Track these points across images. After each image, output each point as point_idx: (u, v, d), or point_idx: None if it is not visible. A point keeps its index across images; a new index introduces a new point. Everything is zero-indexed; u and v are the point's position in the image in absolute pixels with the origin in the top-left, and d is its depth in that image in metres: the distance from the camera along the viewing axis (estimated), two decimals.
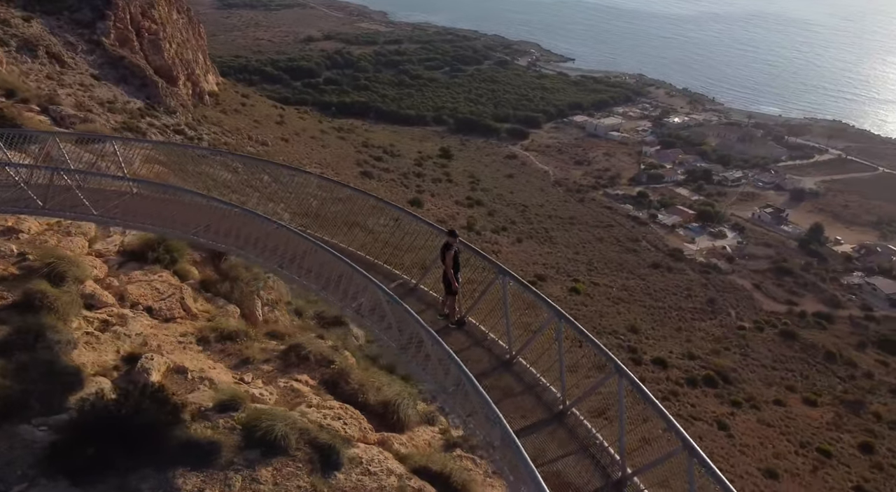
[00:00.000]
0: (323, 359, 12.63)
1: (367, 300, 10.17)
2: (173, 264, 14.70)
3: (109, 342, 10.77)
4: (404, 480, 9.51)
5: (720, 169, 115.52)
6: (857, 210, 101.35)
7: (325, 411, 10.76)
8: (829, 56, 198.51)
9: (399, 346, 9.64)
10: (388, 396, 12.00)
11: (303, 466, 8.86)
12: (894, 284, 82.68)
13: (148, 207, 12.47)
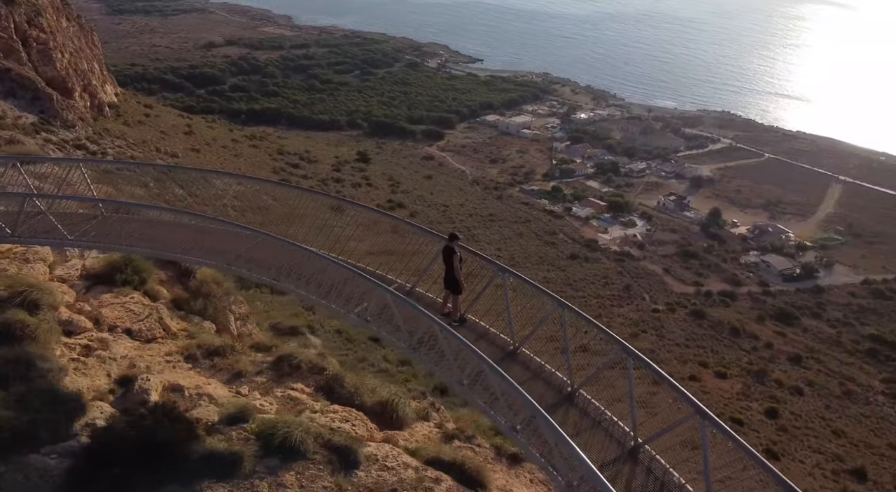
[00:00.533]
0: (315, 367, 12.89)
1: (374, 304, 10.57)
2: (142, 285, 14.45)
3: (97, 367, 10.60)
4: (421, 471, 10.04)
5: (626, 161, 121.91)
6: (748, 194, 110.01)
7: (332, 415, 11.12)
8: (713, 52, 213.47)
9: (409, 346, 10.17)
10: (383, 396, 12.47)
11: (324, 467, 9.23)
12: (785, 260, 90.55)
13: (122, 229, 12.27)
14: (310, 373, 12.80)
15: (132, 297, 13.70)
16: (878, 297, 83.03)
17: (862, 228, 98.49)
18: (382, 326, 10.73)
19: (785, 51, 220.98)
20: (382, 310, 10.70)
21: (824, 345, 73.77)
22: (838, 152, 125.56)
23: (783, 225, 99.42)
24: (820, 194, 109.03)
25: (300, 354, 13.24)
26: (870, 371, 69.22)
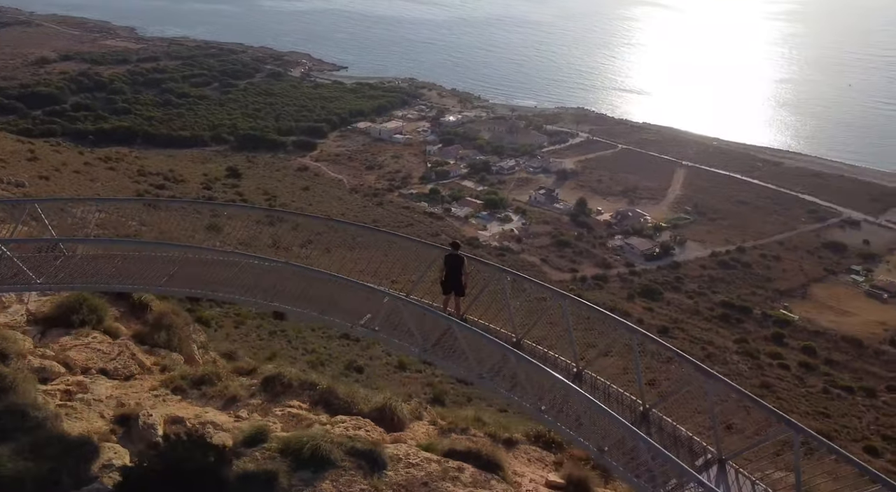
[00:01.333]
0: (305, 383, 12.93)
1: (384, 312, 11.11)
2: (100, 324, 13.77)
3: (86, 410, 10.12)
4: (443, 464, 10.65)
5: (496, 160, 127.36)
6: (608, 183, 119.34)
7: (342, 425, 11.42)
8: (562, 53, 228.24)
9: (422, 349, 10.70)
10: (379, 402, 12.84)
11: (355, 472, 9.59)
12: (646, 241, 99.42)
13: (92, 267, 11.67)
14: (302, 389, 12.92)
15: (94, 337, 13.20)
16: (724, 267, 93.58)
17: (705, 206, 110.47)
18: (391, 334, 11.35)
19: (624, 50, 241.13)
20: (387, 318, 11.24)
21: (685, 315, 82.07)
22: (679, 140, 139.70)
23: (640, 209, 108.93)
24: (668, 179, 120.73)
25: (288, 373, 13.27)
26: (724, 334, 77.91)
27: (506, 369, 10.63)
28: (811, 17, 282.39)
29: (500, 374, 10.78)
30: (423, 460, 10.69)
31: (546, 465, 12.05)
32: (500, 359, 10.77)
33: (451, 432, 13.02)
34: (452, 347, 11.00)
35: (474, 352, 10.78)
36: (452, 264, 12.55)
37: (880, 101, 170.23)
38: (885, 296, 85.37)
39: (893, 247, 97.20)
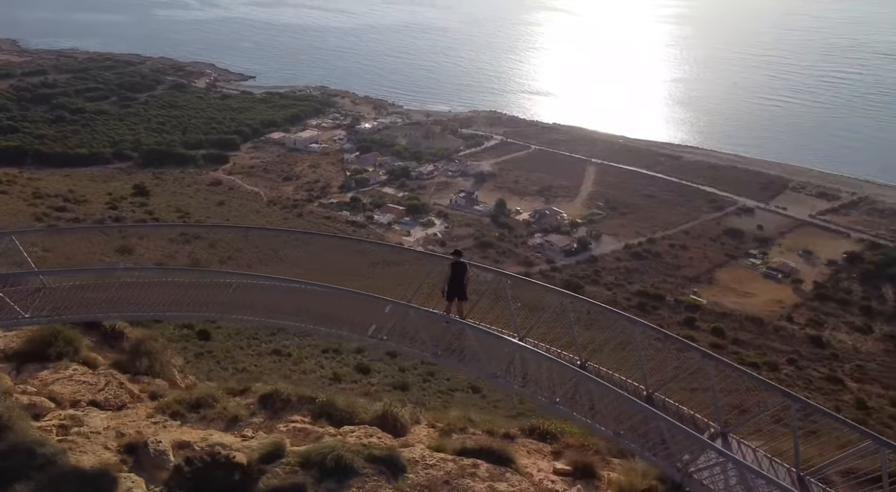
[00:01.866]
0: (303, 397, 12.94)
1: (392, 322, 11.52)
2: (76, 356, 13.32)
3: (88, 442, 9.75)
4: (458, 462, 11.07)
5: (415, 165, 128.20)
6: (524, 183, 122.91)
7: (352, 435, 11.61)
8: (471, 58, 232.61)
9: (433, 354, 11.35)
10: (378, 410, 13.12)
11: (378, 478, 9.90)
12: (564, 238, 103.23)
13: (78, 297, 11.48)
14: (301, 404, 12.99)
15: (75, 369, 12.81)
16: (637, 258, 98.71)
17: (616, 201, 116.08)
18: (402, 342, 11.89)
19: (529, 54, 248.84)
20: (392, 327, 11.69)
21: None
22: (587, 139, 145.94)
23: (557, 207, 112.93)
24: (580, 177, 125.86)
25: (285, 389, 13.32)
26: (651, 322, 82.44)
27: (517, 366, 11.23)
28: (699, 20, 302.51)
29: (512, 371, 11.33)
30: (439, 461, 11.14)
31: (545, 455, 12.73)
32: (510, 358, 11.42)
33: (451, 432, 13.50)
34: (462, 349, 11.48)
35: (485, 352, 11.29)
36: (457, 271, 13.23)
37: (762, 97, 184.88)
38: (779, 276, 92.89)
39: (784, 231, 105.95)
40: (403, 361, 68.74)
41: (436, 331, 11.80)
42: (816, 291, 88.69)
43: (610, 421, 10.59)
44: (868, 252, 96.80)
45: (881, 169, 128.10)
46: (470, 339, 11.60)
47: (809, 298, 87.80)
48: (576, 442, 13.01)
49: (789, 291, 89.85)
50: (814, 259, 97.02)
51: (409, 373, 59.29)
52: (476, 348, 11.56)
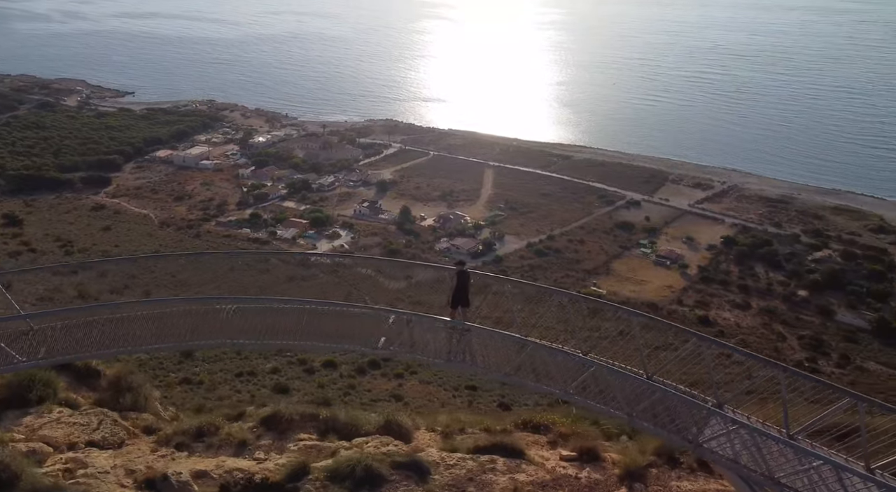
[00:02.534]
0: (306, 415, 13.06)
1: (405, 334, 12.00)
2: (55, 397, 13.05)
3: (101, 484, 9.20)
4: (477, 459, 11.56)
5: (315, 177, 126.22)
6: (426, 189, 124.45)
7: (369, 445, 11.96)
8: (363, 67, 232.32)
9: (446, 359, 11.99)
10: (380, 419, 13.50)
11: (408, 482, 10.29)
12: (469, 240, 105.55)
13: (69, 337, 11.43)
14: (304, 422, 13.14)
15: (59, 411, 12.44)
16: (540, 255, 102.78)
17: (515, 202, 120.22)
18: (415, 352, 12.30)
19: (420, 61, 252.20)
20: (398, 338, 12.11)
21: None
22: (483, 143, 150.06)
23: (460, 211, 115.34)
24: (479, 180, 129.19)
25: (287, 409, 13.42)
26: None
27: (526, 363, 11.94)
28: (577, 26, 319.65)
29: (523, 369, 12.11)
30: (458, 460, 11.70)
31: (542, 445, 13.40)
32: (519, 356, 12.07)
33: (452, 434, 13.97)
34: (474, 353, 12.22)
35: (494, 354, 12.03)
36: (461, 280, 13.97)
37: (637, 96, 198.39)
38: (668, 263, 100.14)
39: (668, 220, 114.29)
40: (322, 377, 68.00)
41: (439, 338, 12.29)
42: (701, 274, 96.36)
43: (623, 405, 11.47)
44: (741, 235, 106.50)
45: (744, 159, 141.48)
46: (474, 342, 12.28)
47: (695, 281, 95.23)
48: (567, 430, 13.89)
49: (678, 276, 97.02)
50: (696, 245, 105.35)
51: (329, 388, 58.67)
52: (485, 351, 12.21)
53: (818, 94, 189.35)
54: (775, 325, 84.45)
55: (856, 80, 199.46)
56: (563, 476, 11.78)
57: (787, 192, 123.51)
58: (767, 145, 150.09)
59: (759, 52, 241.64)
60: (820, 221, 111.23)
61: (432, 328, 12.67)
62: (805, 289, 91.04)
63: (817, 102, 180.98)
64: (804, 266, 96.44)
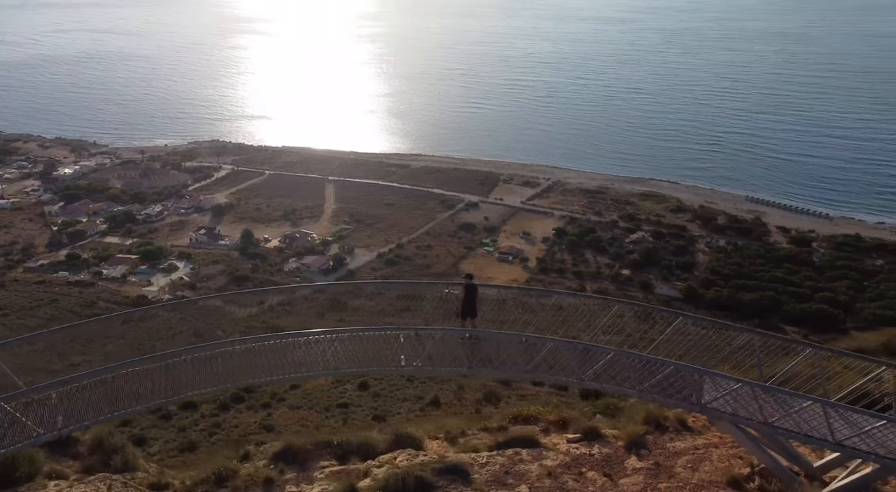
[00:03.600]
0: (320, 443, 13.32)
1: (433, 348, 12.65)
2: (42, 471, 12.78)
3: None
4: (503, 454, 12.33)
5: (139, 208, 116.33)
6: (267, 210, 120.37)
7: (399, 459, 12.47)
8: (177, 87, 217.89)
9: (468, 366, 12.91)
10: (389, 435, 13.94)
11: (455, 485, 10.97)
12: (319, 258, 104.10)
13: (81, 401, 11.52)
14: (318, 450, 13.37)
15: (56, 484, 12.29)
16: (391, 264, 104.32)
17: (360, 214, 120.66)
18: (443, 364, 13.05)
19: (240, 78, 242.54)
20: (416, 353, 12.76)
21: (372, 316, 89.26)
22: (320, 158, 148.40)
23: (305, 229, 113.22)
24: (321, 196, 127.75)
25: (299, 440, 13.71)
26: (412, 324, 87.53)
27: (545, 361, 12.87)
28: (396, 39, 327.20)
29: (541, 366, 12.94)
30: (488, 458, 12.43)
31: (537, 434, 14.34)
32: (539, 354, 12.97)
33: (456, 437, 14.54)
34: (491, 358, 13.09)
35: (506, 355, 13.05)
36: (469, 292, 14.79)
37: (462, 104, 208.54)
38: (510, 258, 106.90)
39: (505, 218, 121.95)
40: (181, 420, 63.16)
41: (453, 348, 12.98)
42: (540, 265, 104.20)
43: (635, 384, 12.67)
44: (569, 226, 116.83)
45: (562, 156, 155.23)
46: (483, 347, 13.14)
47: (536, 272, 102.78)
48: (555, 418, 15.01)
49: (520, 270, 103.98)
50: (532, 239, 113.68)
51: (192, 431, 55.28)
52: (506, 355, 13.08)
53: (614, 95, 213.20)
54: None
55: (642, 81, 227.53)
56: (580, 455, 13.04)
57: (602, 183, 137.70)
58: (580, 142, 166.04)
59: (562, 59, 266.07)
60: (631, 206, 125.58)
61: (444, 340, 13.31)
62: (628, 268, 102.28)
63: (614, 102, 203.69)
64: (624, 248, 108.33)
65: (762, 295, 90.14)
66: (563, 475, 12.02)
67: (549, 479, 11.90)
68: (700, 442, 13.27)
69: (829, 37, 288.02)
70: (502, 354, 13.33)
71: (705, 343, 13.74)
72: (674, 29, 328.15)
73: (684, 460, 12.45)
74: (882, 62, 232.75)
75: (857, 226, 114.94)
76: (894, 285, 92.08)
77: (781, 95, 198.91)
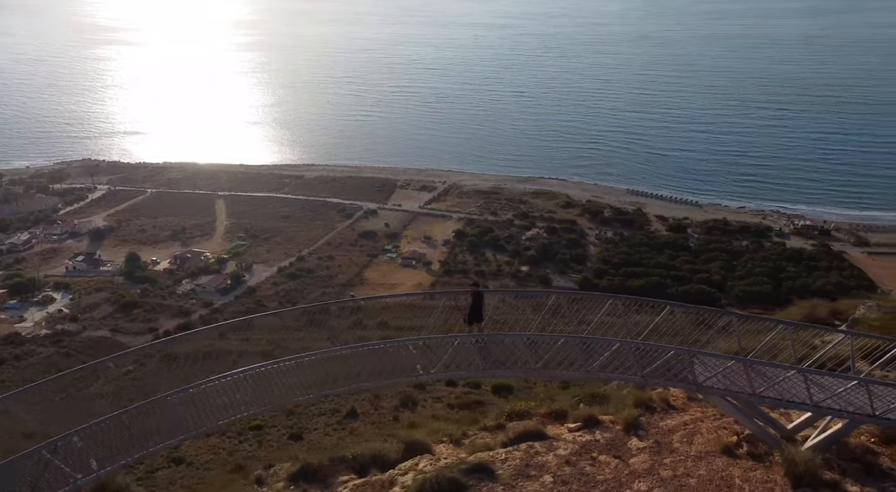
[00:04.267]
0: (332, 459, 13.91)
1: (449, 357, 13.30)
2: None
3: None
4: (518, 449, 13.09)
5: (2, 237, 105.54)
6: (153, 231, 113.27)
7: (423, 464, 12.88)
8: (35, 103, 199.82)
9: (483, 369, 13.71)
10: (399, 445, 14.61)
11: (485, 482, 11.85)
12: (215, 277, 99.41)
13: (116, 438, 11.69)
14: (334, 466, 13.76)
15: None
16: (293, 278, 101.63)
17: (256, 229, 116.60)
18: (453, 370, 13.64)
19: (107, 92, 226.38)
20: (431, 362, 13.35)
21: (278, 333, 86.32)
22: (207, 173, 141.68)
23: (197, 248, 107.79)
24: (211, 212, 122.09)
25: (311, 459, 14.18)
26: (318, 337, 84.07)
27: (555, 358, 13.51)
28: (276, 47, 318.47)
29: (550, 364, 13.50)
30: (507, 454, 12.94)
31: (544, 427, 15.04)
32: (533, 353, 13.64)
33: (460, 440, 14.96)
34: (504, 359, 13.68)
35: (510, 355, 13.70)
36: (476, 299, 15.51)
37: (352, 112, 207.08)
38: (413, 263, 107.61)
39: (405, 223, 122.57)
40: None
41: (464, 352, 13.48)
42: (443, 268, 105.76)
43: (637, 370, 13.48)
44: (468, 227, 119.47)
45: (456, 159, 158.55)
46: (493, 350, 13.77)
47: (440, 275, 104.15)
48: (546, 410, 15.70)
49: (424, 274, 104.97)
50: (433, 242, 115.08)
51: None
52: (518, 355, 13.64)
53: (500, 98, 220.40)
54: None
55: (524, 85, 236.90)
56: (587, 442, 13.82)
57: (495, 184, 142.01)
58: (472, 145, 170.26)
59: (447, 65, 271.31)
60: (525, 205, 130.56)
61: (454, 347, 13.80)
62: (526, 264, 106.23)
63: (500, 106, 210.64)
64: (521, 245, 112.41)
65: (648, 281, 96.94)
66: (579, 462, 12.89)
67: (568, 466, 12.71)
68: (687, 418, 14.57)
69: (687, 39, 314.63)
70: (514, 355, 14.03)
71: (690, 328, 15.14)
72: (549, 34, 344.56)
73: (678, 435, 13.65)
74: (732, 62, 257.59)
75: (724, 211, 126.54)
76: (759, 264, 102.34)
77: (650, 94, 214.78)
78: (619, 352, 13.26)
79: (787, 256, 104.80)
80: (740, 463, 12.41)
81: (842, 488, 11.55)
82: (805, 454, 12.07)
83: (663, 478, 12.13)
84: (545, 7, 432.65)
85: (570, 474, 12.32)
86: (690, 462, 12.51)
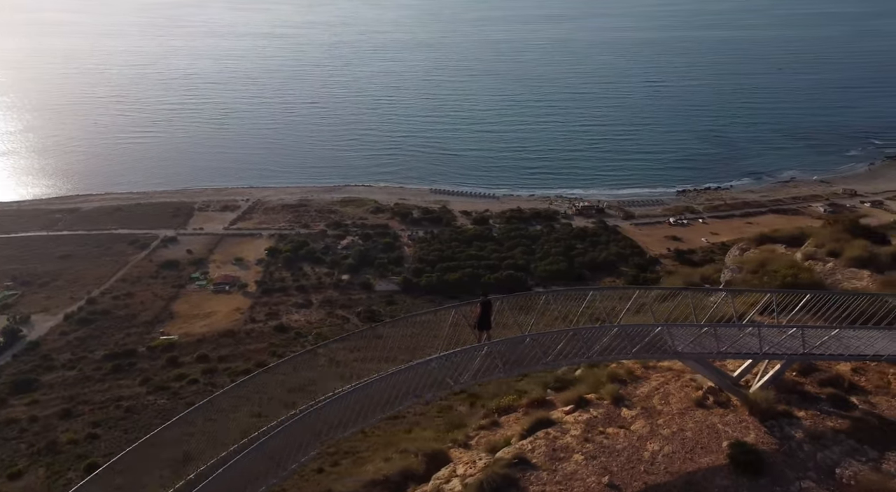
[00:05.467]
0: (366, 483, 14.60)
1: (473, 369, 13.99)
2: None
3: None
4: (539, 437, 14.14)
5: None
6: None
7: (459, 467, 13.70)
8: None
9: (502, 370, 14.45)
10: (418, 458, 15.20)
11: (530, 474, 13.06)
12: None
13: None
14: (371, 489, 14.63)
15: None
16: (85, 324, 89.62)
17: (27, 274, 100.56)
18: (481, 376, 14.29)
19: None
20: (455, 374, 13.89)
21: (78, 388, 75.63)
22: None
23: None
24: None
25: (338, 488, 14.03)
26: (128, 383, 75.88)
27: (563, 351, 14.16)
28: (8, 63, 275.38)
29: (555, 360, 14.17)
30: (531, 443, 13.88)
31: (521, 417, 15.89)
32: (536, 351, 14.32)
33: (465, 443, 15.90)
34: (521, 360, 14.53)
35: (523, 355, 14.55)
36: (485, 308, 16.62)
37: (126, 133, 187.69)
38: (227, 288, 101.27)
39: (211, 247, 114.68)
40: None
41: (488, 360, 14.18)
42: (261, 288, 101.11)
43: (628, 349, 14.58)
44: (281, 243, 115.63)
45: (256, 176, 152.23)
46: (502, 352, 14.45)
47: (258, 296, 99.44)
48: (529, 400, 16.83)
49: (241, 298, 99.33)
50: (246, 263, 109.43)
51: None
52: (526, 354, 14.24)
53: (293, 109, 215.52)
54: (336, 311, 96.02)
55: (315, 95, 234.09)
56: (588, 418, 14.96)
57: (302, 196, 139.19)
58: (271, 160, 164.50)
59: (231, 78, 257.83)
60: (335, 214, 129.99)
61: (472, 356, 14.38)
62: (346, 273, 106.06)
63: (295, 117, 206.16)
64: (338, 255, 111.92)
65: (464, 273, 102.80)
66: (595, 437, 14.23)
67: (589, 443, 13.96)
68: (655, 384, 16.51)
69: (461, 44, 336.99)
70: (526, 354, 14.88)
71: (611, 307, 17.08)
72: (331, 42, 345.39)
73: (656, 399, 15.50)
74: (503, 65, 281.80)
75: (517, 200, 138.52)
76: (554, 245, 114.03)
77: (438, 98, 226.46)
78: (616, 336, 14.82)
79: (575, 235, 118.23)
80: (714, 411, 14.92)
81: (793, 414, 14.32)
82: (761, 394, 14.78)
83: (665, 436, 13.98)
84: (324, 16, 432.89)
85: (594, 450, 13.74)
86: (678, 419, 14.54)
